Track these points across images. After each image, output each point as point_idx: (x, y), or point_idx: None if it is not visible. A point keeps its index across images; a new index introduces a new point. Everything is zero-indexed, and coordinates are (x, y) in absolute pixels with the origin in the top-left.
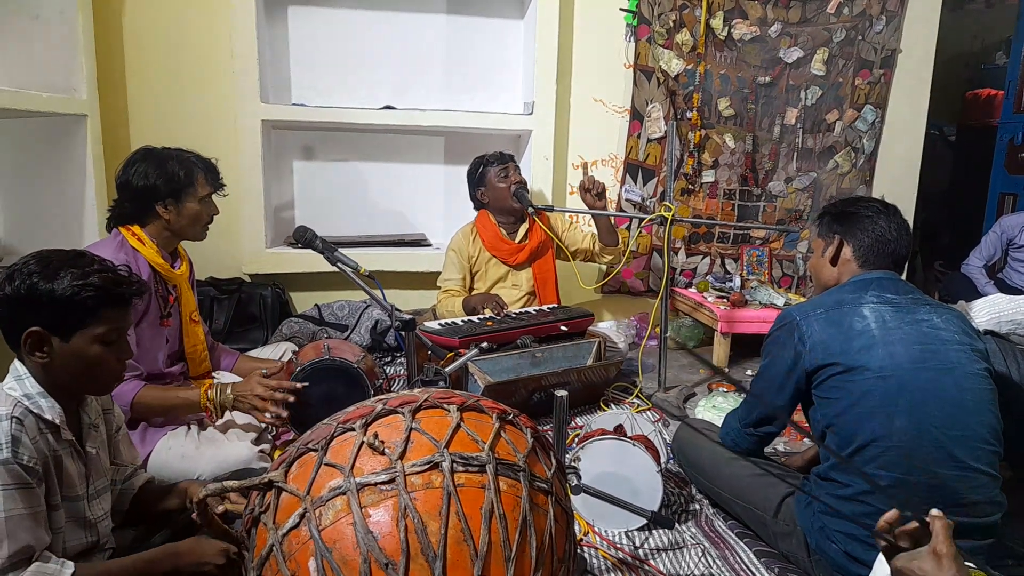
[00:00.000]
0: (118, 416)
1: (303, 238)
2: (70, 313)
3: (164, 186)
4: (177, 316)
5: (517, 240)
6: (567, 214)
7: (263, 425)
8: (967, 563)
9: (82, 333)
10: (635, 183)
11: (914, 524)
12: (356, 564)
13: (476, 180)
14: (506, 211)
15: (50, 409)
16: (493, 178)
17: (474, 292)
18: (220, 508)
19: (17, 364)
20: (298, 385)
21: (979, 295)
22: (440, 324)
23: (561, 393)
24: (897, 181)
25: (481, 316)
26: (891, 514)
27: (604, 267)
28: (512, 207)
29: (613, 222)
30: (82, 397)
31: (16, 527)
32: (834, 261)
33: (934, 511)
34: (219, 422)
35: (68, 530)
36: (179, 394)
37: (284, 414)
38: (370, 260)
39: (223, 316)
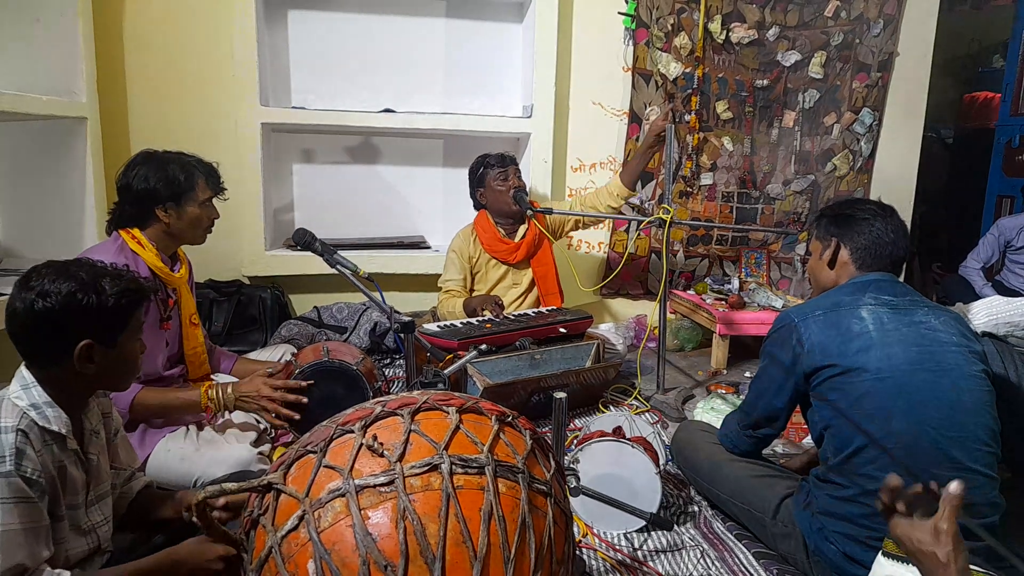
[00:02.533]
0: (116, 420)
1: (302, 240)
2: (115, 319)
3: (164, 190)
4: (177, 319)
5: (516, 240)
6: (567, 209)
7: (262, 426)
8: (973, 567)
9: (123, 336)
10: None
11: (917, 487)
12: (355, 566)
13: (476, 181)
14: (504, 214)
15: (56, 419)
16: (492, 181)
17: (475, 293)
18: (221, 500)
19: (24, 372)
20: (303, 384)
21: (977, 297)
22: (439, 326)
23: (560, 395)
24: (895, 184)
25: (480, 318)
26: (894, 479)
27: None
28: (511, 210)
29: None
30: (86, 403)
31: (10, 543)
32: (832, 263)
33: (953, 485)
34: (218, 423)
35: (69, 538)
36: (179, 395)
37: (296, 416)
38: (369, 262)
39: (222, 318)
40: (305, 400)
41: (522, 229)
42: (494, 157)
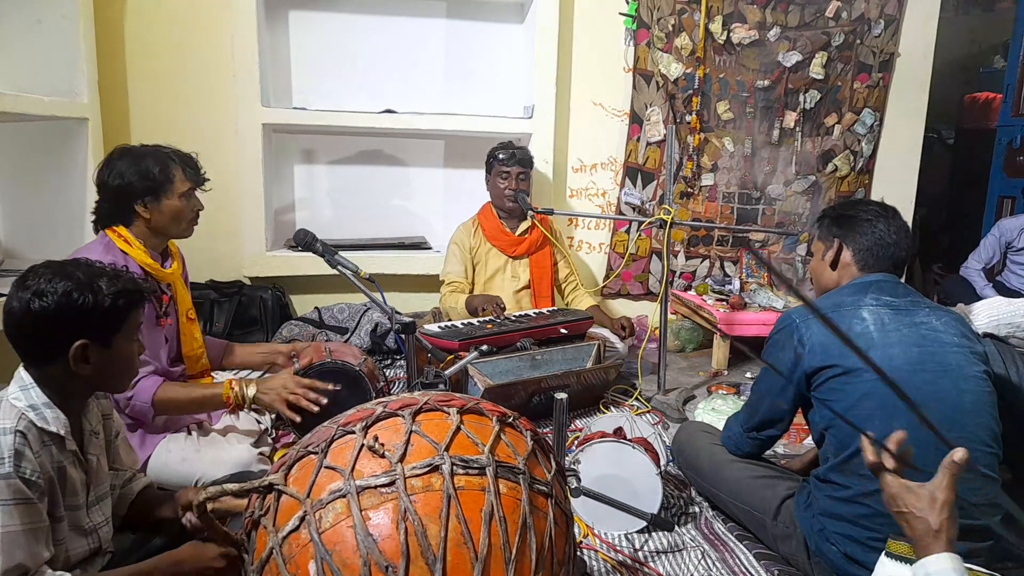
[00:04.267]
0: (117, 421)
1: (303, 241)
2: (110, 320)
3: (139, 184)
4: (174, 315)
5: (516, 234)
6: (570, 260)
7: (263, 427)
8: (969, 565)
9: (119, 336)
10: (634, 186)
11: (900, 435)
12: (356, 567)
13: (486, 168)
14: (501, 207)
15: (55, 420)
16: (495, 174)
17: (475, 286)
18: (210, 505)
19: (22, 373)
20: (329, 387)
21: (978, 298)
22: (440, 327)
23: (561, 395)
24: (895, 184)
25: (481, 319)
26: (899, 434)
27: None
28: (506, 206)
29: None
30: (85, 404)
31: (12, 544)
32: (834, 264)
33: (958, 452)
34: (218, 425)
35: (69, 539)
36: (203, 390)
37: (315, 409)
38: (370, 263)
39: (223, 319)
40: (325, 401)
41: (523, 226)
42: (505, 151)
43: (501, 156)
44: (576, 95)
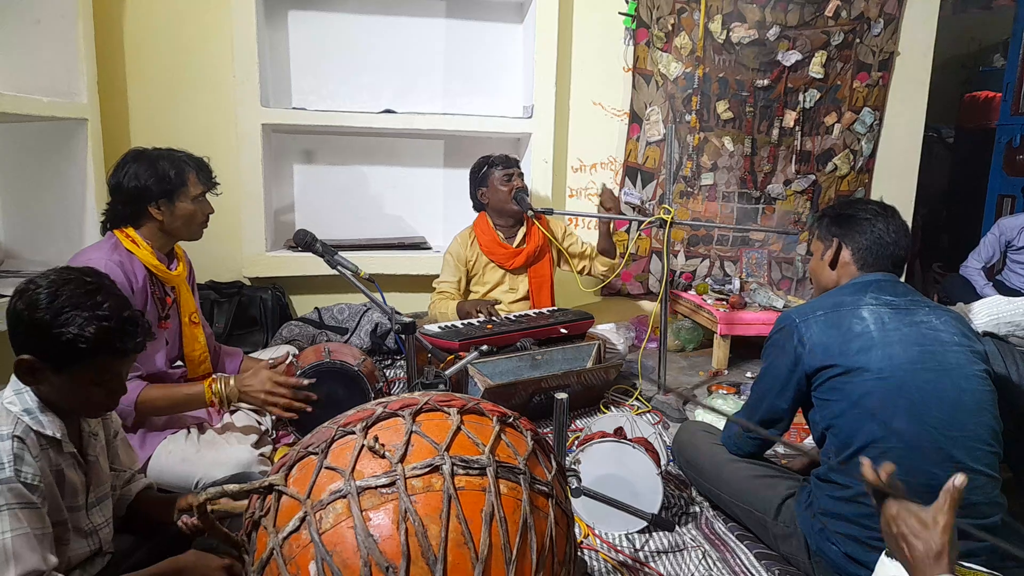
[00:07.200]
0: (115, 421)
1: (303, 241)
2: (64, 353)
3: (156, 187)
4: (176, 318)
5: (515, 244)
6: (566, 218)
7: (263, 428)
8: (967, 564)
9: (74, 372)
10: (634, 186)
11: (916, 508)
12: (357, 567)
13: (478, 180)
14: (505, 213)
15: (50, 424)
16: (496, 180)
17: (472, 296)
18: (210, 507)
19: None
20: (304, 382)
21: (978, 297)
22: (440, 327)
23: (561, 396)
24: (895, 183)
25: (480, 319)
26: (888, 466)
27: (600, 277)
28: (511, 210)
29: (612, 228)
30: None
31: (23, 547)
32: (833, 264)
33: (958, 478)
34: (218, 425)
35: (71, 540)
36: (184, 389)
37: (308, 408)
38: (370, 263)
39: (223, 319)
40: (315, 397)
41: (520, 232)
42: (498, 157)
43: (497, 161)
44: (576, 95)
